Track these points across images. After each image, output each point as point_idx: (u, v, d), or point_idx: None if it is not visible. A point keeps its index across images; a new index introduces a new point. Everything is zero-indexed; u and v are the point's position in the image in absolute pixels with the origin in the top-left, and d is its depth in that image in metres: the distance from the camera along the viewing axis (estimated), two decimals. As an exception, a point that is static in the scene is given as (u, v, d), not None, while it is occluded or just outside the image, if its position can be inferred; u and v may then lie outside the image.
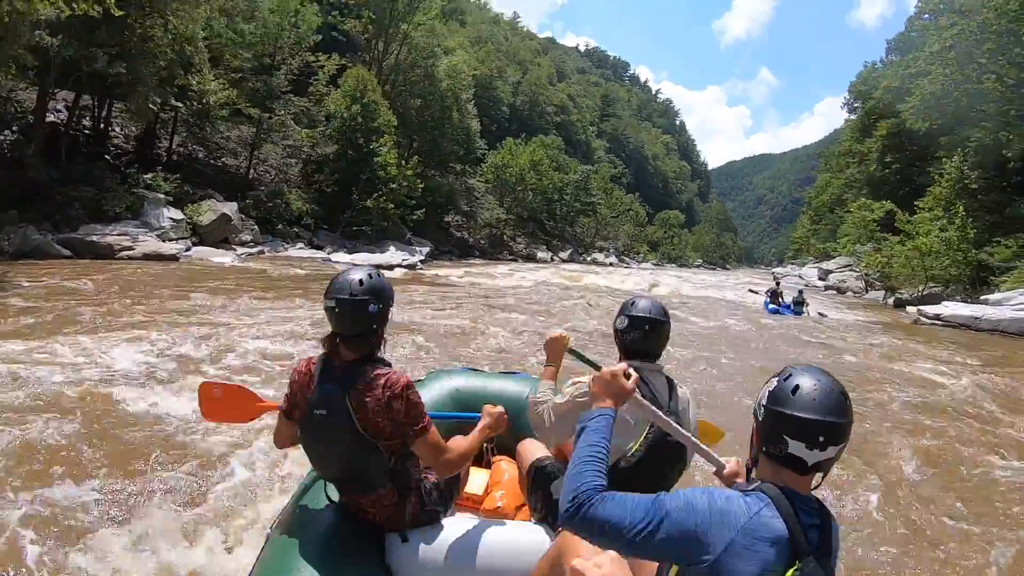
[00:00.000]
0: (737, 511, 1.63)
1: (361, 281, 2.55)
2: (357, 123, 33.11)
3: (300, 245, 29.45)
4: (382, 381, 2.51)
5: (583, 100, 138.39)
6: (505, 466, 3.67)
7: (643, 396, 2.44)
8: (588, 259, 67.10)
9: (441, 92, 43.20)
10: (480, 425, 2.98)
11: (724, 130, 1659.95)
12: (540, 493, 3.00)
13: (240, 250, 25.37)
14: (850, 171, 68.54)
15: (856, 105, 66.68)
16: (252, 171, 33.17)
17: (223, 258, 22.13)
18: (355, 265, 3.60)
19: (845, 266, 52.98)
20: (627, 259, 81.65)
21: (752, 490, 1.71)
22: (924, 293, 29.65)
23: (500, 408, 3.05)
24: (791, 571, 1.57)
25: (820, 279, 50.95)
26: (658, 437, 2.65)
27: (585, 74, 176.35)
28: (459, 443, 2.83)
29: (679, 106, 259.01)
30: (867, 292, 40.30)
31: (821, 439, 1.64)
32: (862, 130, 61.65)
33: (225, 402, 3.44)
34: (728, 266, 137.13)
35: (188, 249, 22.94)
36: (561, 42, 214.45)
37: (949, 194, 30.68)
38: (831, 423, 1.65)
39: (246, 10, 31.54)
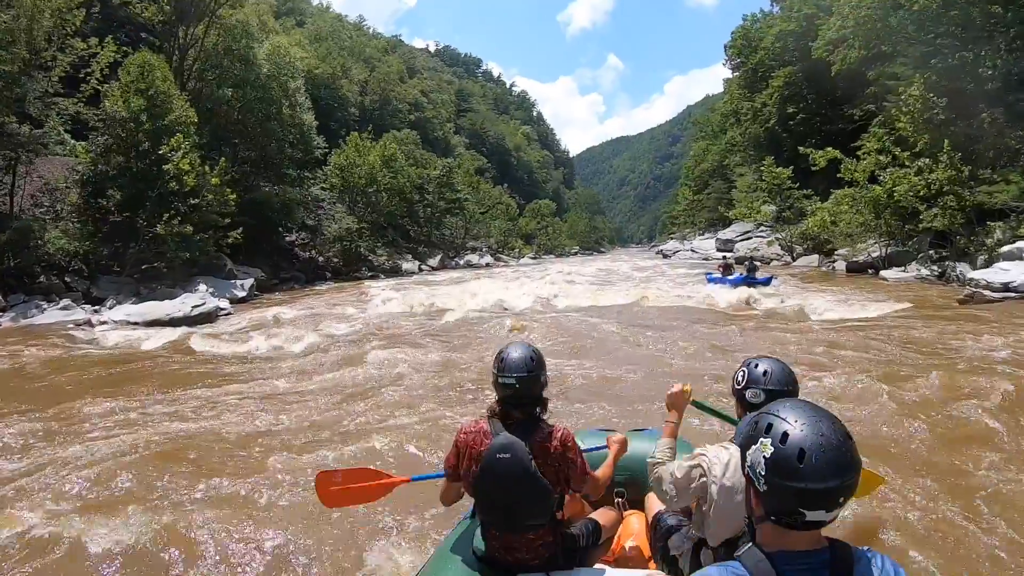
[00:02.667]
0: None
1: (532, 358, 3.04)
2: (141, 123, 24.86)
3: (66, 302, 20.99)
4: (558, 435, 2.99)
5: (437, 95, 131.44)
6: (635, 520, 3.78)
7: None
8: (461, 263, 60.20)
9: (262, 81, 34.70)
10: (612, 454, 3.47)
11: (579, 118, 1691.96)
12: (659, 546, 3.19)
13: (-44, 322, 17.16)
14: (731, 134, 65.38)
15: (738, 62, 62.57)
16: (13, 205, 24.64)
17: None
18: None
19: (744, 233, 49.09)
20: (504, 256, 75.33)
21: (733, 559, 1.63)
22: (888, 252, 24.93)
23: (620, 435, 3.61)
24: None
25: (721, 251, 46.67)
26: None
27: (437, 72, 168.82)
28: (604, 473, 3.27)
29: (534, 98, 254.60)
30: (793, 258, 35.81)
31: (841, 500, 1.50)
32: (749, 87, 57.26)
33: (346, 486, 3.63)
34: (603, 249, 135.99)
35: None
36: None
37: (913, 130, 25.09)
38: (850, 484, 1.50)
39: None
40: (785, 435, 1.52)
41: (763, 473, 1.54)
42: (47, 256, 22.50)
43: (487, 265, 60.71)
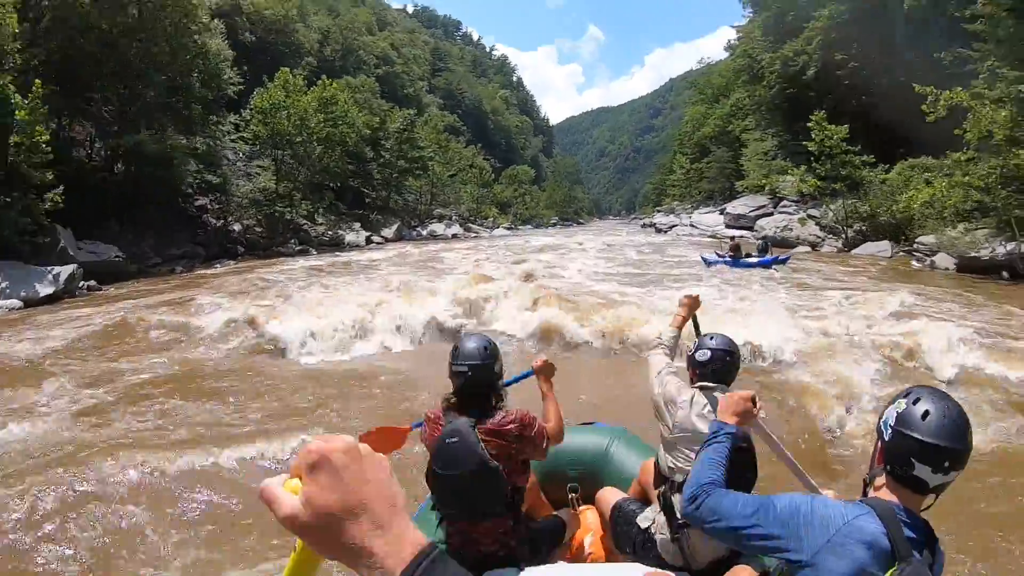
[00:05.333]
0: (835, 515, 1.78)
1: (485, 347, 3.06)
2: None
3: None
4: (513, 415, 2.97)
5: (410, 51, 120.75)
6: (591, 516, 3.77)
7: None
8: (424, 232, 51.52)
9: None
10: (542, 387, 3.41)
11: (558, 88, 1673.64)
12: (625, 530, 3.22)
13: None
14: (737, 96, 57.95)
15: (748, 15, 54.08)
16: None
17: None
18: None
19: (759, 208, 41.16)
20: (475, 227, 65.96)
21: (858, 501, 1.86)
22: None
23: (542, 356, 3.53)
24: (891, 571, 1.64)
25: (732, 227, 38.73)
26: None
27: (413, 34, 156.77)
28: (549, 413, 3.28)
29: (514, 63, 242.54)
30: (846, 244, 27.83)
31: (946, 464, 1.71)
32: (775, 34, 48.32)
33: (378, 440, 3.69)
34: (581, 220, 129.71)
35: None
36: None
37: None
38: (957, 450, 1.71)
39: None
40: (918, 399, 1.78)
41: (891, 424, 1.81)
42: None
43: (454, 236, 52.04)
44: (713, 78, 76.14)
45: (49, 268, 16.56)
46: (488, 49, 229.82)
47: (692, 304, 3.72)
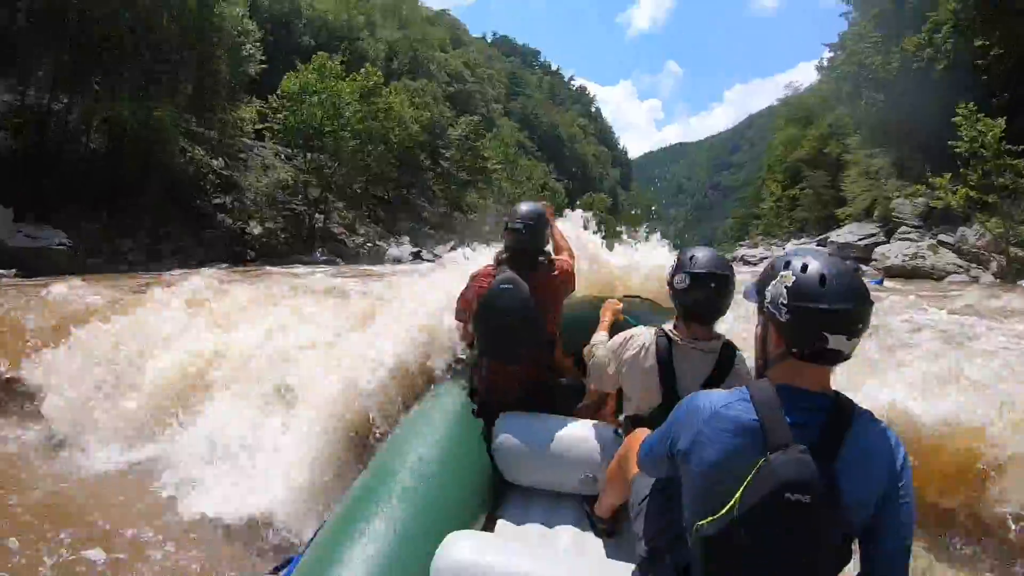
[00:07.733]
0: (705, 405, 1.68)
1: (540, 212, 3.44)
2: None
3: None
4: (559, 264, 3.49)
5: (485, 71, 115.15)
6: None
7: (660, 375, 2.48)
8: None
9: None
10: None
11: (637, 124, 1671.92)
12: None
13: None
14: (835, 114, 51.78)
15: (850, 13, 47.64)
16: None
17: None
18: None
19: (867, 236, 34.87)
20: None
21: (740, 387, 1.69)
22: None
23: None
24: (760, 462, 1.52)
25: (846, 260, 32.60)
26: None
27: (491, 60, 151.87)
28: (560, 242, 3.84)
29: (593, 93, 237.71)
30: (1002, 274, 21.90)
31: (860, 327, 1.57)
32: (895, 26, 40.78)
33: None
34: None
35: None
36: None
37: None
38: (866, 311, 1.57)
39: None
40: (805, 265, 1.59)
41: (785, 302, 1.59)
42: None
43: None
44: (805, 98, 69.72)
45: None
46: (567, 79, 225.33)
47: (615, 310, 3.49)
